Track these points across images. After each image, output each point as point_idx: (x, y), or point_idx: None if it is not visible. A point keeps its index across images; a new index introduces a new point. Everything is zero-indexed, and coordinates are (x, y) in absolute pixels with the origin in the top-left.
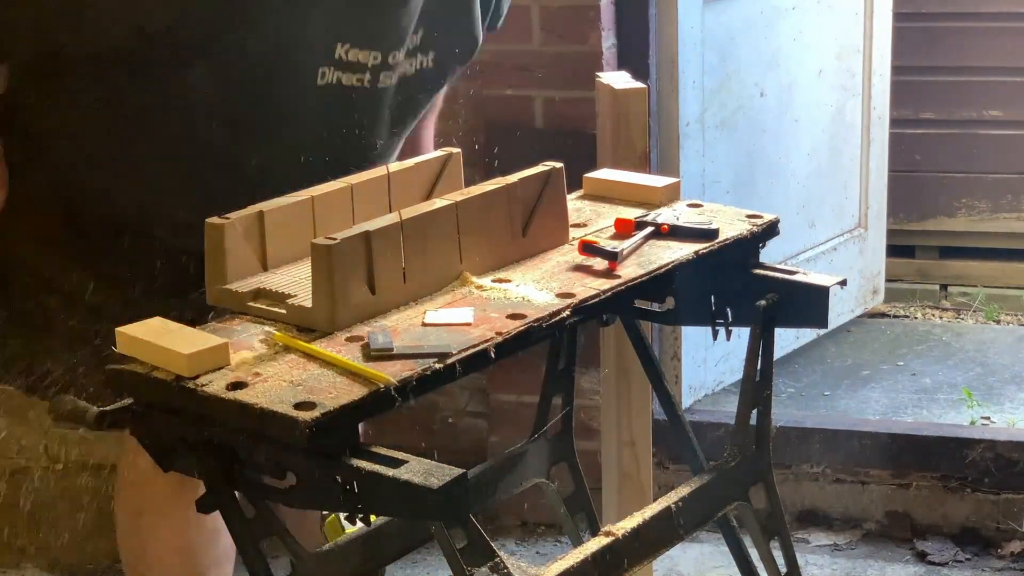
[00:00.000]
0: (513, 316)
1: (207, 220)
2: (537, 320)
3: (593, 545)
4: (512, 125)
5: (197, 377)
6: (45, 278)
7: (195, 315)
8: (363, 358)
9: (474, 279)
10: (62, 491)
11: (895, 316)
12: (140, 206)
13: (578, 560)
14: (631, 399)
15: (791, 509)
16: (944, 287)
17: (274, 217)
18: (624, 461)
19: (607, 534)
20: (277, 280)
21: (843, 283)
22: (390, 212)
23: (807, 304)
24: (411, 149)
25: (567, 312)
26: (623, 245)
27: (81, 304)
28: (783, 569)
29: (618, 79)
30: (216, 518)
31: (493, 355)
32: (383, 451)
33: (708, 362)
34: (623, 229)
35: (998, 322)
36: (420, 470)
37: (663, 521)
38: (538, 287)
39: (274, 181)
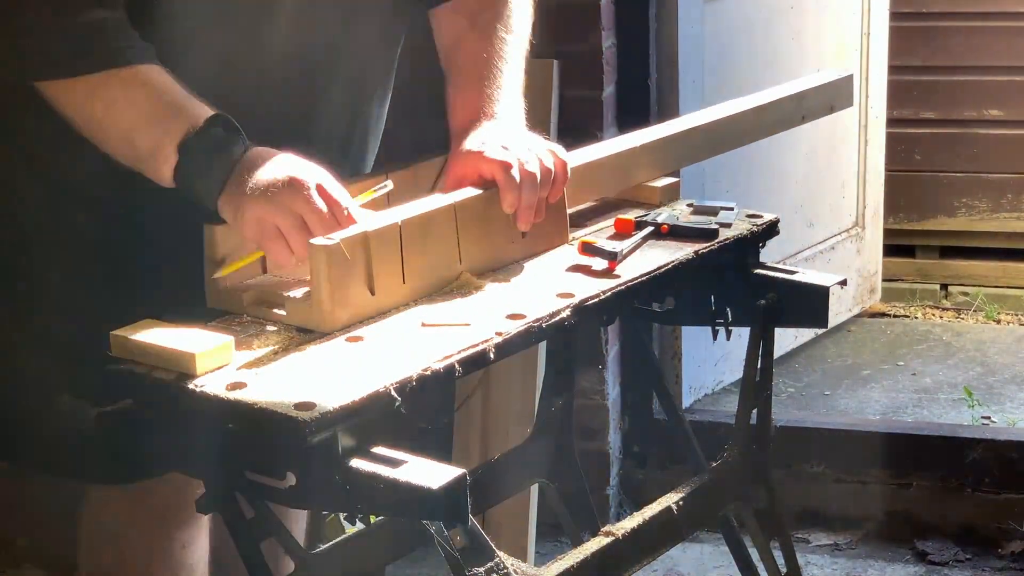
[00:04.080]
0: (513, 316)
1: (206, 223)
2: (537, 320)
3: (593, 545)
4: None
5: (197, 377)
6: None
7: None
8: None
9: (474, 279)
10: (62, 491)
11: (895, 316)
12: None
13: (578, 560)
14: None
15: (791, 509)
16: (944, 287)
17: None
18: None
19: (607, 534)
20: (276, 281)
21: (843, 283)
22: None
23: (807, 304)
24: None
25: (567, 312)
26: (623, 245)
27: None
28: (783, 569)
29: None
30: (190, 559)
31: (493, 355)
32: (383, 451)
33: (708, 362)
34: (623, 229)
35: (998, 322)
36: (420, 470)
37: (663, 521)
38: (538, 287)
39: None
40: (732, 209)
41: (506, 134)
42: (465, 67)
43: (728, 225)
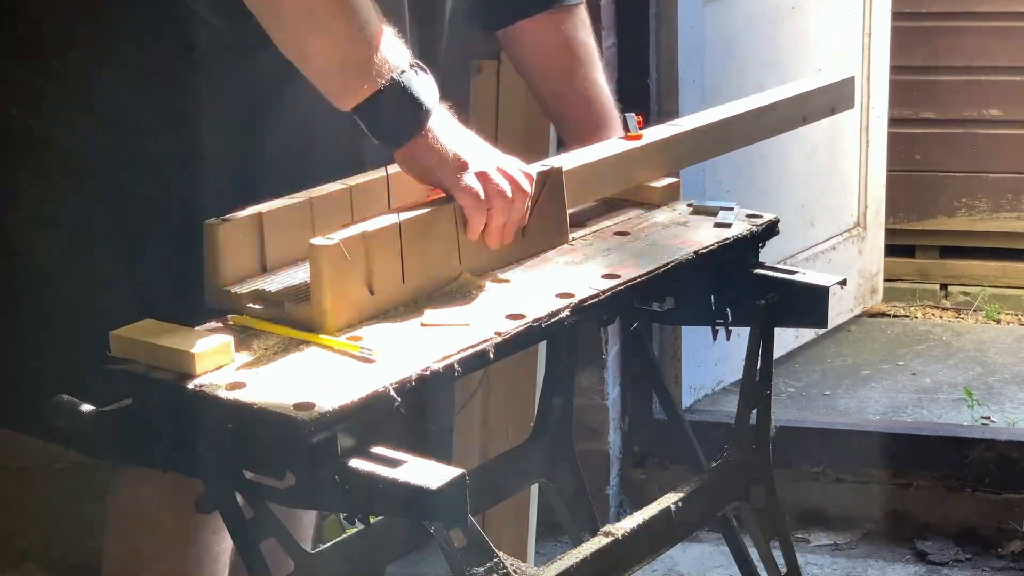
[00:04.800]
0: (512, 316)
1: (206, 221)
2: (536, 320)
3: (593, 545)
4: None
5: (197, 377)
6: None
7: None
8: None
9: (474, 279)
10: (62, 491)
11: (895, 316)
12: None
13: (578, 560)
14: None
15: (791, 509)
16: (944, 287)
17: (273, 218)
18: None
19: (607, 534)
20: (276, 281)
21: (843, 283)
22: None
23: (807, 304)
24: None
25: (566, 312)
26: None
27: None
28: (783, 569)
29: None
30: (217, 546)
31: (492, 355)
32: (382, 451)
33: (708, 362)
34: None
35: (998, 322)
36: (419, 470)
37: (663, 521)
38: (538, 287)
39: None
40: (732, 209)
41: None
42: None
43: (728, 225)
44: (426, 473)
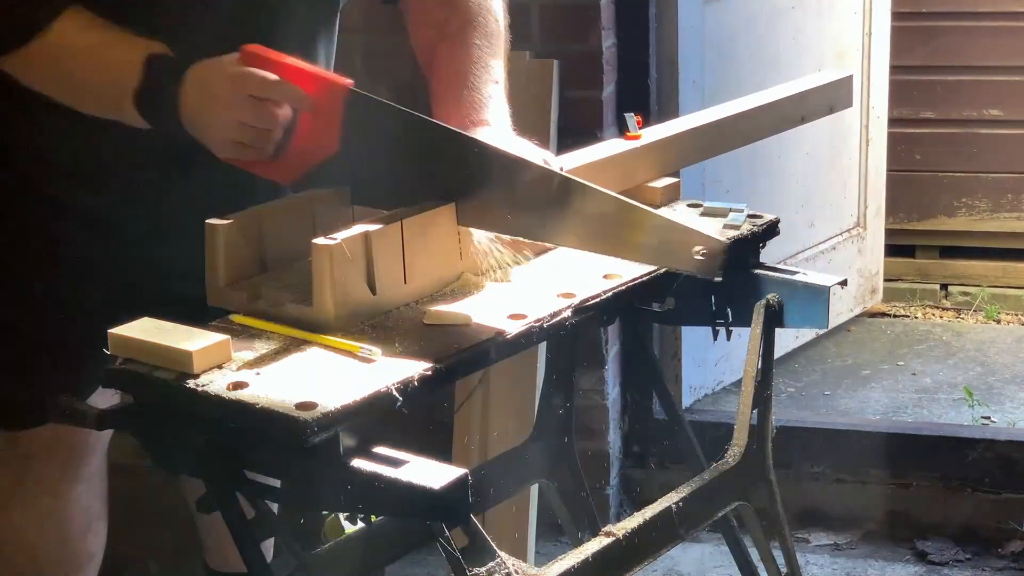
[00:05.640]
0: (514, 316)
1: (207, 221)
2: (537, 320)
3: (593, 545)
4: None
5: (198, 376)
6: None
7: None
8: None
9: (475, 279)
10: None
11: (895, 316)
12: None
13: (578, 560)
14: None
15: (791, 509)
16: (944, 287)
17: (273, 218)
18: None
19: (607, 534)
20: (277, 281)
21: (843, 283)
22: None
23: (807, 304)
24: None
25: (568, 312)
26: None
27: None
28: (783, 569)
29: None
30: (64, 523)
31: (494, 355)
32: (384, 451)
33: (708, 362)
34: None
35: (998, 322)
36: (421, 471)
37: (663, 521)
38: (538, 287)
39: None
40: (742, 211)
41: (499, 143)
42: (443, 78)
43: (737, 227)
44: (428, 473)
